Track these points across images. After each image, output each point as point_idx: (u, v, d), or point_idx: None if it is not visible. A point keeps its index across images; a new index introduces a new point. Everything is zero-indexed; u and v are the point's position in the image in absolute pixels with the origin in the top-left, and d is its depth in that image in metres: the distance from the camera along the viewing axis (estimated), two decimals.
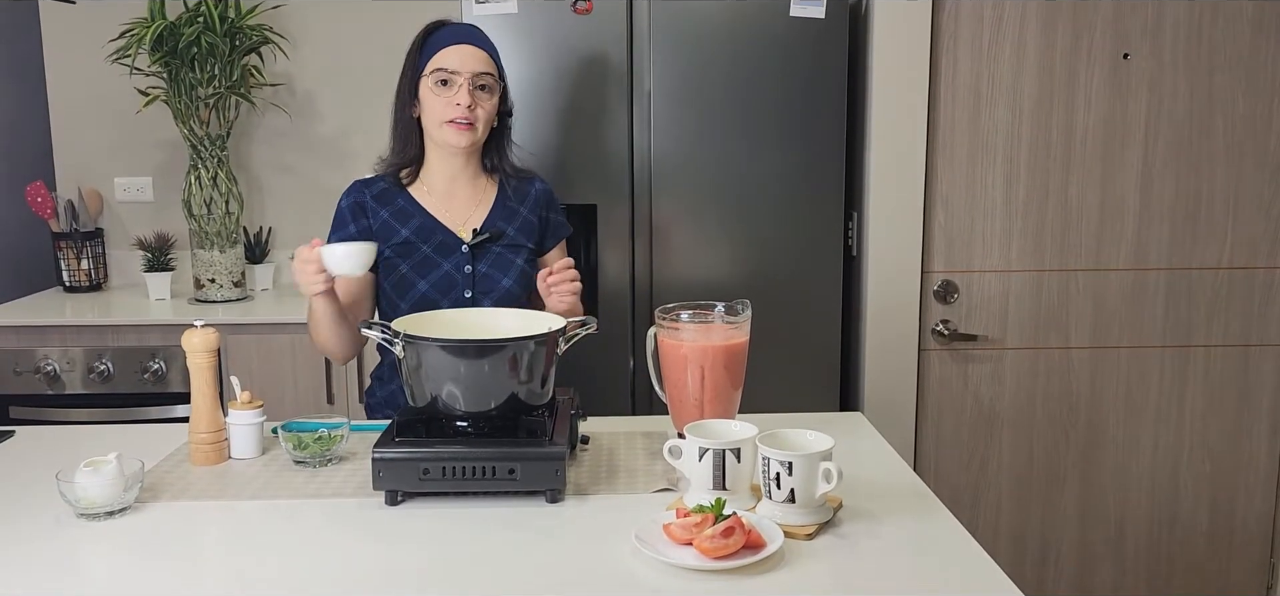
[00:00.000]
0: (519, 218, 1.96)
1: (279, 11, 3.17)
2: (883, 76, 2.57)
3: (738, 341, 1.60)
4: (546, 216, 2.00)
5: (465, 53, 1.87)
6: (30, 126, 3.24)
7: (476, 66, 1.87)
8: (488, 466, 1.42)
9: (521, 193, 1.99)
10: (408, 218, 1.92)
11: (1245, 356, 2.73)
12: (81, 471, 1.40)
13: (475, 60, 1.87)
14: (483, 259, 1.90)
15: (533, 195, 1.99)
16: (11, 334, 2.75)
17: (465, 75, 1.85)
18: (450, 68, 1.86)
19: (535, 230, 1.98)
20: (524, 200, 1.98)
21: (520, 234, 1.95)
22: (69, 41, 3.24)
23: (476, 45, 1.90)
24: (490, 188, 1.98)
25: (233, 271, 2.99)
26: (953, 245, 2.68)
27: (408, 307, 1.88)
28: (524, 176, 2.01)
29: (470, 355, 1.46)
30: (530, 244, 1.96)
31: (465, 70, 1.86)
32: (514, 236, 1.94)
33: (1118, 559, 2.83)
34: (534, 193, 2.00)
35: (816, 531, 1.33)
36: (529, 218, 1.97)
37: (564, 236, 2.05)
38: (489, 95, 1.89)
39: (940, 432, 2.76)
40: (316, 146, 3.29)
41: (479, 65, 1.87)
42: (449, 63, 1.86)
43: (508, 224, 1.94)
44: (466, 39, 1.90)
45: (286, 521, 1.40)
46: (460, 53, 1.87)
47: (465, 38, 1.90)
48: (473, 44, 1.89)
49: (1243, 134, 2.64)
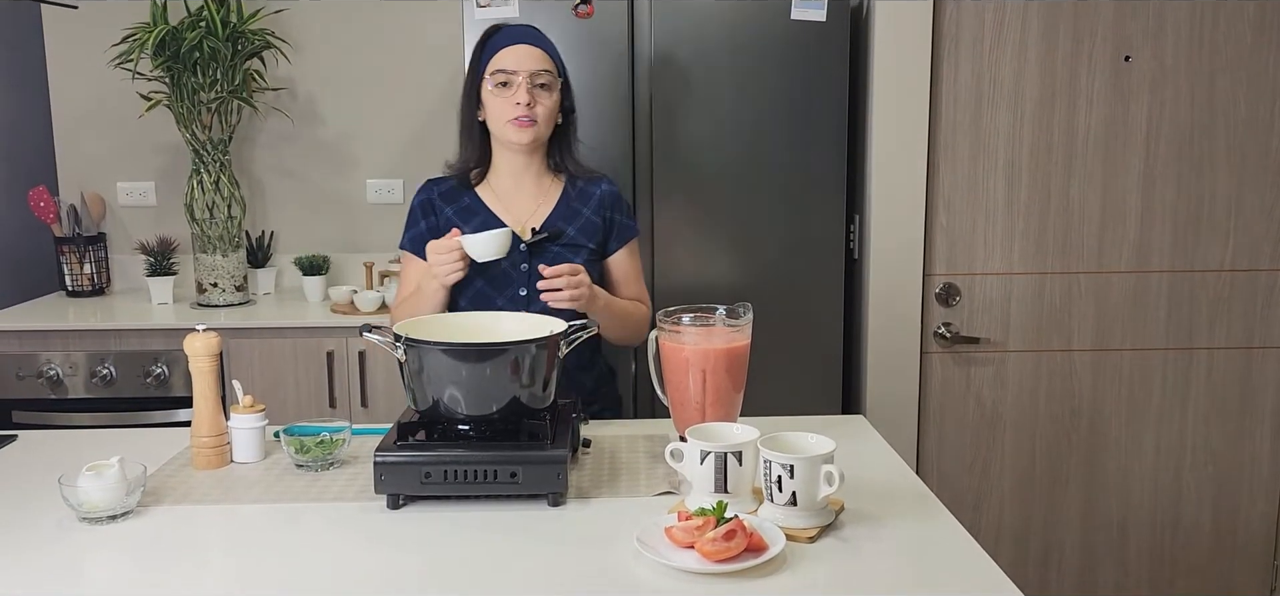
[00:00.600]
0: (581, 218, 1.95)
1: (281, 16, 3.17)
2: (884, 79, 2.58)
3: (739, 344, 1.60)
4: (611, 217, 1.98)
5: (522, 52, 1.89)
6: (33, 131, 3.25)
7: (534, 64, 1.89)
8: (489, 470, 1.42)
9: (586, 193, 1.98)
10: (471, 215, 1.95)
11: (1248, 359, 2.73)
12: (84, 475, 1.40)
13: (532, 58, 1.89)
14: (540, 257, 1.90)
15: (597, 196, 1.99)
16: (14, 338, 2.76)
17: (523, 74, 1.87)
18: (508, 68, 1.88)
19: (598, 231, 1.97)
20: (588, 201, 1.98)
21: (581, 234, 1.94)
22: (71, 46, 3.25)
23: (534, 44, 1.91)
24: (555, 187, 1.99)
25: (235, 275, 2.99)
26: (954, 248, 2.68)
27: (465, 303, 1.92)
28: (591, 177, 2.01)
29: (471, 358, 1.46)
30: (591, 244, 1.95)
31: (523, 69, 1.87)
32: (573, 236, 1.93)
33: (1120, 561, 2.83)
34: (599, 193, 1.99)
35: (818, 534, 1.33)
36: (592, 218, 1.96)
37: (630, 238, 2.02)
38: (548, 92, 1.90)
39: (942, 435, 2.76)
40: (318, 151, 3.30)
41: (537, 63, 1.89)
42: (507, 63, 1.88)
43: (568, 224, 1.94)
44: (523, 39, 1.91)
45: (288, 525, 1.40)
46: (517, 52, 1.89)
47: (522, 38, 1.91)
48: (530, 43, 1.91)
49: (1244, 136, 2.64)
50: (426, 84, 3.25)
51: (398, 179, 3.30)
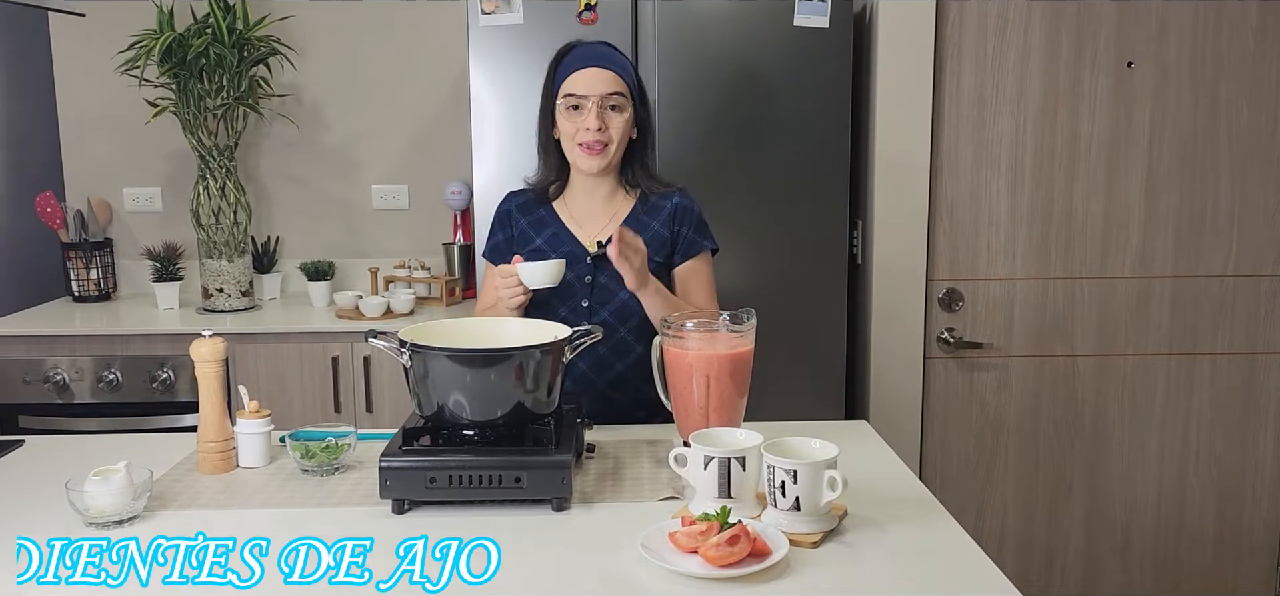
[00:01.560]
0: (649, 231, 1.94)
1: (287, 23, 3.18)
2: (887, 85, 2.58)
3: (743, 350, 1.60)
4: (678, 230, 1.96)
5: (593, 76, 1.88)
6: (40, 137, 3.26)
7: (604, 88, 1.87)
8: (494, 475, 1.43)
9: (657, 207, 1.97)
10: (543, 227, 1.97)
11: (1251, 364, 2.73)
12: (91, 480, 1.41)
13: (603, 82, 1.87)
14: (604, 270, 1.89)
15: (669, 209, 1.97)
16: (21, 343, 2.77)
17: (594, 98, 1.86)
18: (579, 92, 1.87)
19: (665, 244, 1.95)
20: (658, 214, 1.96)
21: (649, 247, 1.90)
22: (78, 53, 3.26)
23: (604, 66, 1.89)
24: (627, 203, 1.98)
25: (241, 281, 3.00)
26: (957, 253, 2.68)
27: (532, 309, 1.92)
28: (665, 191, 1.99)
29: (476, 364, 1.46)
30: (657, 257, 1.93)
31: (593, 93, 1.86)
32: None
33: (1124, 566, 2.83)
34: (670, 207, 1.97)
35: (822, 539, 1.33)
36: (660, 231, 1.95)
37: (698, 252, 1.98)
38: (619, 114, 1.89)
39: (945, 440, 2.76)
40: (324, 157, 3.31)
41: (607, 86, 1.87)
42: (578, 87, 1.88)
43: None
44: (594, 61, 1.89)
45: (294, 530, 1.41)
46: (588, 76, 1.88)
47: (593, 60, 1.90)
48: (600, 66, 1.89)
49: (1247, 142, 2.64)
50: (431, 90, 3.26)
51: (402, 184, 3.31)
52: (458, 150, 3.11)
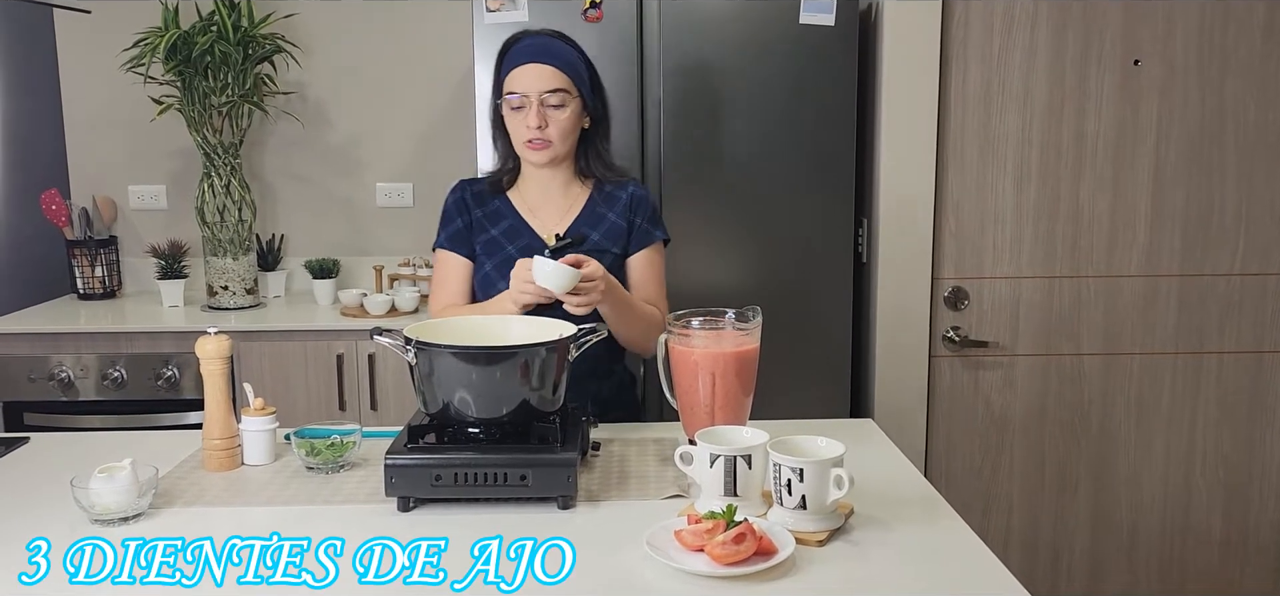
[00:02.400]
0: (606, 222, 1.93)
1: (291, 21, 3.18)
2: (892, 82, 2.58)
3: (749, 348, 1.60)
4: (634, 221, 1.95)
5: (532, 73, 1.85)
6: (45, 135, 3.26)
7: (544, 85, 1.84)
8: (499, 473, 1.43)
9: (613, 197, 1.96)
10: (499, 218, 1.95)
11: (1258, 363, 2.72)
12: (96, 477, 1.41)
13: (542, 78, 1.84)
14: None
15: (624, 199, 1.96)
16: (26, 341, 2.77)
17: (534, 96, 1.84)
18: (520, 90, 1.85)
19: (622, 234, 1.94)
20: (614, 205, 1.95)
21: (605, 238, 1.92)
22: (83, 51, 3.26)
23: (545, 61, 1.86)
24: (582, 193, 1.96)
25: (245, 278, 3.00)
26: (963, 251, 2.68)
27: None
28: (619, 180, 1.98)
29: (482, 362, 1.46)
30: (616, 248, 1.92)
31: (533, 92, 1.84)
32: (598, 241, 1.91)
33: (1130, 565, 2.82)
34: (625, 196, 1.96)
35: (828, 538, 1.33)
36: (617, 222, 1.94)
37: (650, 243, 1.96)
38: (562, 109, 1.86)
39: (951, 439, 2.75)
40: (328, 154, 3.31)
41: (547, 83, 1.84)
42: (518, 85, 1.85)
43: (593, 229, 1.92)
44: (535, 56, 1.86)
45: (299, 527, 1.41)
46: (528, 73, 1.85)
47: (534, 55, 1.86)
48: (541, 61, 1.86)
49: (1254, 140, 2.63)
50: (436, 88, 3.26)
51: (407, 182, 3.31)
52: (462, 148, 3.11)
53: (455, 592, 1.21)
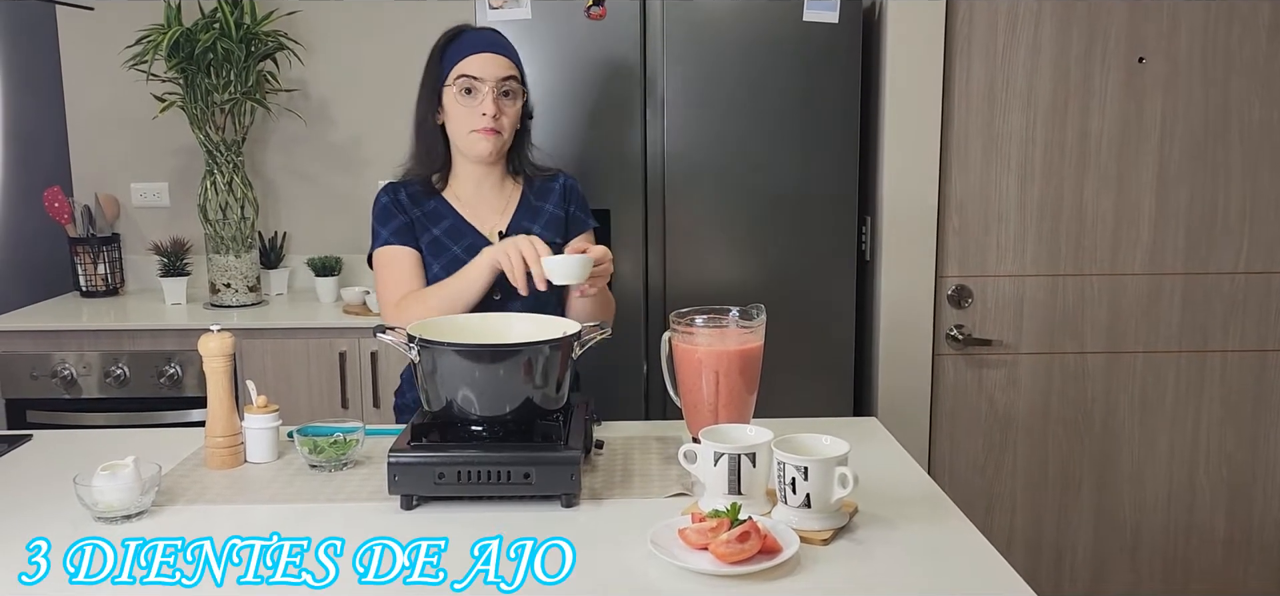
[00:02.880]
0: (544, 214, 1.96)
1: (294, 18, 3.18)
2: (896, 80, 2.57)
3: (752, 346, 1.60)
4: (569, 210, 1.99)
5: (488, 60, 1.86)
6: (47, 132, 3.27)
7: (500, 72, 1.86)
8: (503, 471, 1.42)
9: (546, 190, 1.99)
10: (439, 218, 1.94)
11: (1262, 361, 2.71)
12: (99, 475, 1.41)
13: (498, 66, 1.87)
14: None
15: (557, 190, 1.99)
16: (28, 338, 2.77)
17: (490, 82, 1.85)
18: (475, 74, 1.85)
19: (561, 224, 1.97)
20: (548, 196, 1.98)
21: (547, 230, 1.94)
22: (86, 48, 3.26)
23: (499, 52, 1.89)
24: (516, 189, 1.98)
25: (248, 276, 3.00)
26: (966, 250, 2.67)
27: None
28: (548, 173, 2.01)
29: (485, 359, 1.46)
30: (557, 240, 1.94)
31: (489, 77, 1.85)
32: (540, 234, 1.90)
33: (1133, 565, 2.82)
34: (558, 188, 1.99)
35: (832, 536, 1.33)
36: (554, 212, 1.97)
37: (584, 230, 2.00)
38: (513, 101, 1.89)
39: (954, 438, 2.75)
40: (331, 152, 3.30)
41: (502, 71, 1.87)
42: (473, 70, 1.86)
43: (533, 222, 1.94)
44: (489, 46, 1.88)
45: (302, 525, 1.40)
46: (483, 60, 1.86)
47: (488, 45, 1.89)
48: (495, 51, 1.88)
49: (1259, 138, 2.62)
50: None
51: None
52: None
53: (455, 593, 1.21)
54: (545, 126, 2.49)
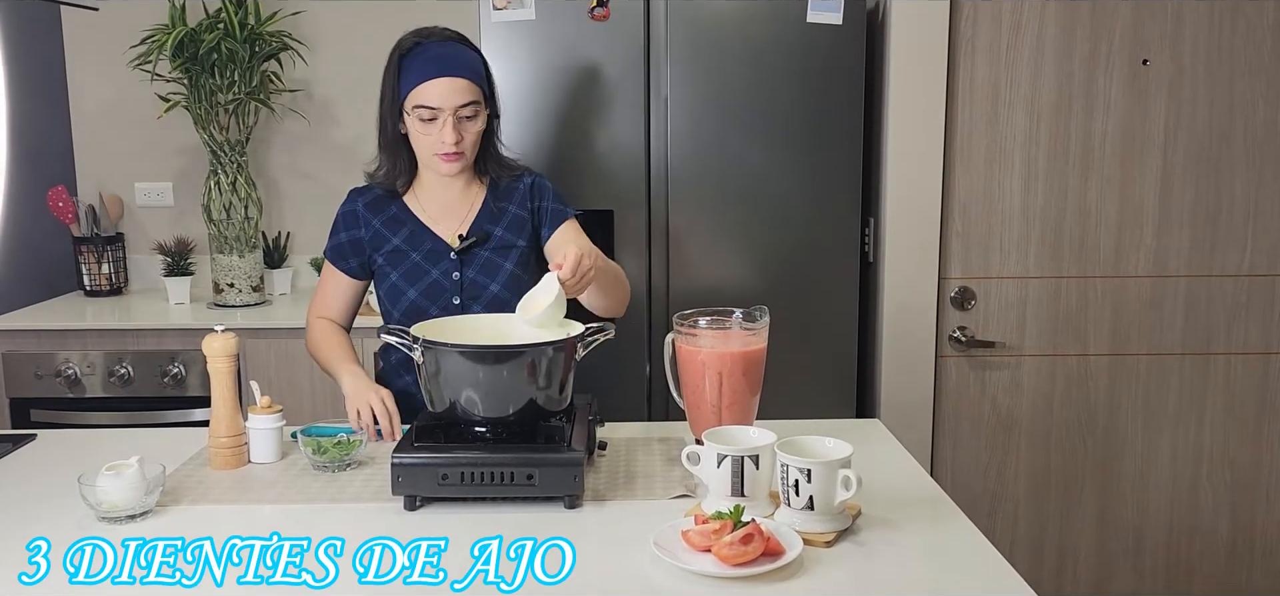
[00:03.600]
0: (506, 216, 1.92)
1: (298, 18, 3.19)
2: (900, 82, 2.57)
3: (756, 348, 1.60)
4: (538, 205, 1.94)
5: (445, 87, 1.80)
6: (52, 132, 3.27)
7: (459, 99, 1.80)
8: (506, 472, 1.43)
9: (510, 190, 1.95)
10: (399, 226, 1.92)
11: (1266, 364, 2.71)
12: (103, 475, 1.41)
13: (456, 92, 1.80)
14: (470, 265, 1.89)
15: (521, 190, 1.95)
16: (32, 337, 2.78)
17: (448, 110, 1.80)
18: (432, 103, 1.80)
19: (526, 225, 1.93)
20: (511, 197, 1.94)
21: (508, 232, 1.91)
22: (91, 48, 3.27)
23: (456, 74, 1.81)
24: (479, 191, 1.95)
25: (251, 276, 3.00)
26: (970, 251, 2.67)
27: (399, 315, 1.90)
28: (513, 173, 1.97)
29: (489, 361, 1.46)
30: (521, 241, 1.91)
31: (448, 106, 1.80)
32: (502, 236, 1.90)
33: (1136, 568, 2.81)
34: (521, 188, 1.95)
35: (835, 539, 1.33)
36: (518, 213, 1.93)
37: (564, 220, 1.95)
38: (474, 121, 1.85)
39: (957, 440, 2.75)
40: (335, 152, 3.31)
41: (460, 97, 1.81)
42: (429, 99, 1.80)
43: (494, 225, 1.91)
44: (446, 70, 1.81)
45: (305, 525, 1.41)
46: (440, 88, 1.80)
47: (445, 69, 1.81)
48: (453, 74, 1.81)
49: (1263, 140, 2.62)
50: None
51: None
52: None
53: (455, 593, 1.21)
54: (548, 127, 2.50)
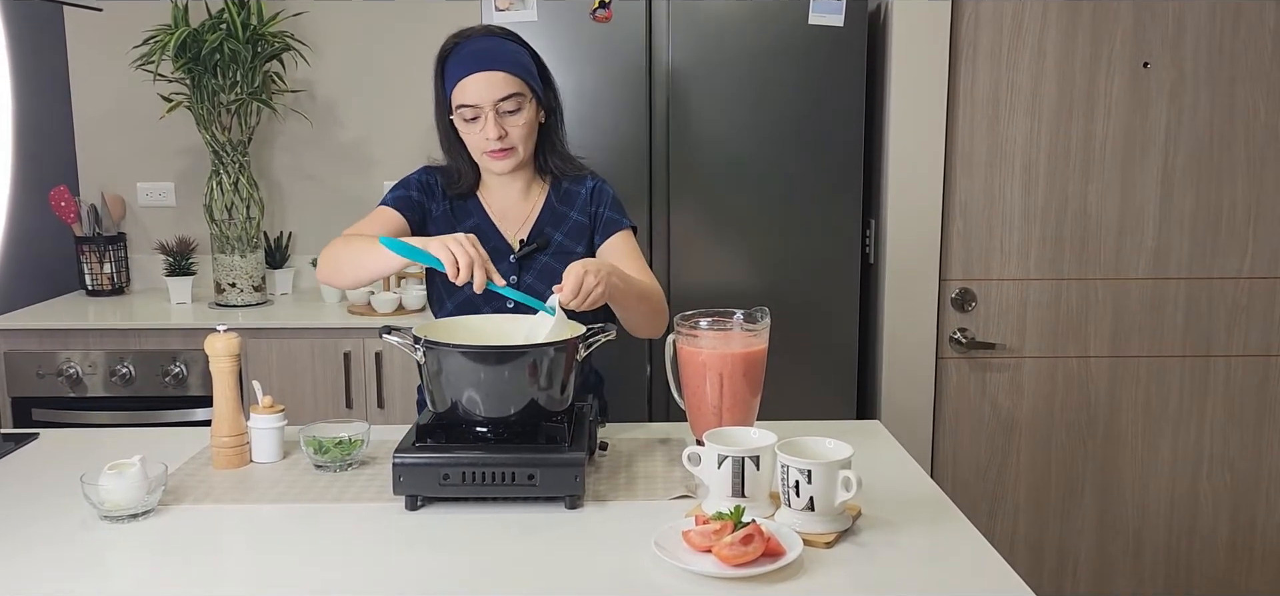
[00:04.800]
0: (568, 222, 1.88)
1: (300, 19, 3.19)
2: (901, 84, 2.57)
3: (757, 349, 1.60)
4: (596, 212, 1.89)
5: (482, 82, 1.76)
6: (54, 131, 3.27)
7: (497, 92, 1.76)
8: (507, 472, 1.43)
9: (571, 195, 1.90)
10: (467, 216, 1.88)
11: (1266, 367, 2.71)
12: (105, 474, 1.42)
13: (494, 86, 1.76)
14: (529, 269, 1.85)
15: (582, 196, 1.90)
16: (34, 337, 2.78)
17: (488, 106, 1.76)
18: (471, 102, 1.77)
19: (585, 232, 1.88)
20: (573, 202, 1.89)
21: (569, 238, 1.87)
22: (93, 48, 3.27)
23: (493, 68, 1.77)
24: (542, 192, 1.91)
25: (253, 276, 3.01)
26: (971, 253, 2.67)
27: (453, 306, 1.85)
28: (578, 176, 1.92)
29: (490, 361, 1.46)
30: (580, 248, 1.87)
31: (486, 102, 1.76)
32: (562, 242, 1.86)
33: (1136, 569, 2.82)
34: (583, 192, 1.90)
35: (836, 540, 1.33)
36: (578, 220, 1.88)
37: (618, 230, 1.87)
38: (519, 114, 1.79)
39: (957, 441, 2.75)
40: (337, 153, 3.31)
41: (500, 90, 1.76)
42: (469, 97, 1.76)
43: (556, 229, 1.87)
44: (481, 64, 1.77)
45: (307, 525, 1.41)
46: (478, 83, 1.76)
47: (480, 63, 1.77)
48: (488, 68, 1.76)
49: (1263, 143, 2.62)
50: None
51: None
52: None
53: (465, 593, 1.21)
54: None
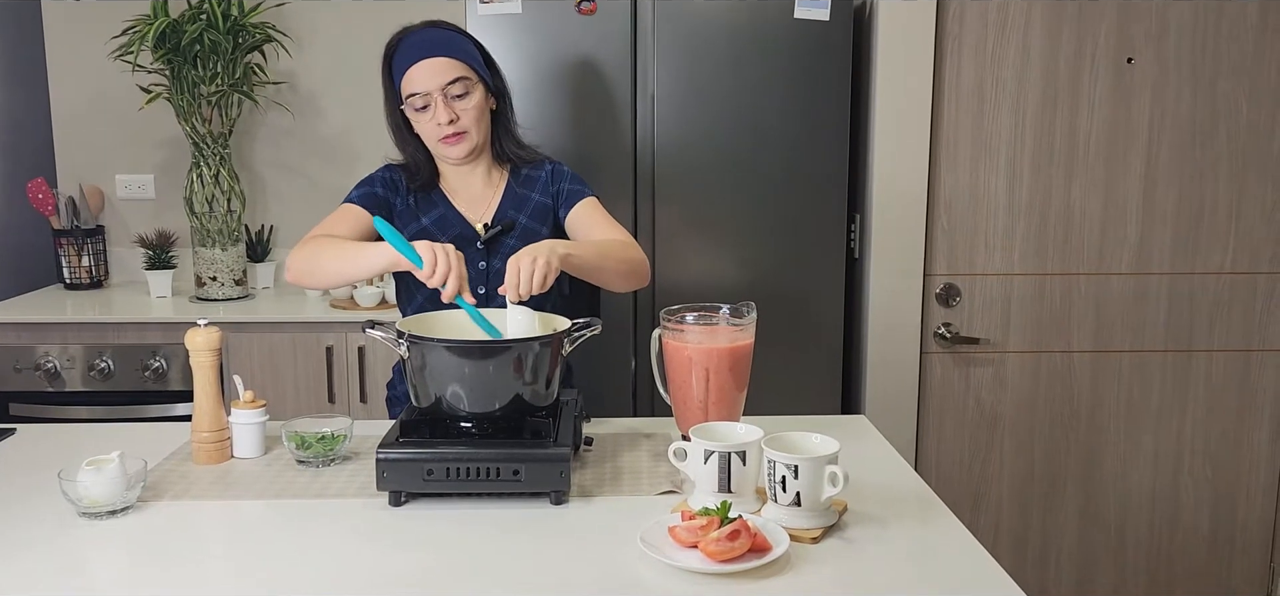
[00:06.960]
0: (530, 203, 1.91)
1: (282, 10, 3.16)
2: (886, 79, 2.57)
3: (743, 343, 1.59)
4: (557, 190, 1.93)
5: (428, 69, 1.80)
6: (32, 123, 3.24)
7: (444, 77, 1.80)
8: (492, 467, 1.42)
9: (532, 178, 1.94)
10: (431, 206, 1.90)
11: (1246, 362, 2.73)
12: (84, 470, 1.40)
13: (440, 71, 1.80)
14: (496, 254, 1.87)
15: (542, 178, 1.94)
16: (12, 331, 2.75)
17: (436, 91, 1.80)
18: (420, 89, 1.80)
19: (548, 212, 1.91)
20: (534, 185, 1.93)
21: (533, 220, 1.89)
22: (71, 38, 3.23)
23: (438, 54, 1.81)
24: (502, 178, 1.94)
25: (234, 270, 2.98)
26: (955, 248, 2.68)
27: (423, 298, 1.88)
28: (536, 161, 1.96)
29: (475, 356, 1.45)
30: (544, 229, 1.90)
31: (434, 87, 1.80)
32: (526, 224, 1.89)
33: (1118, 562, 2.83)
34: (542, 175, 1.94)
35: (822, 535, 1.33)
36: (540, 201, 1.91)
37: (584, 197, 1.90)
38: (468, 98, 1.83)
39: (941, 436, 2.76)
40: (319, 145, 3.29)
41: (446, 75, 1.80)
42: (417, 85, 1.81)
43: (519, 212, 1.89)
44: (425, 51, 1.81)
45: (289, 521, 1.40)
46: (423, 71, 1.80)
47: (424, 50, 1.81)
48: (434, 54, 1.80)
49: (1246, 140, 2.64)
50: None
51: None
52: None
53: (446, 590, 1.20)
54: (534, 122, 2.49)
